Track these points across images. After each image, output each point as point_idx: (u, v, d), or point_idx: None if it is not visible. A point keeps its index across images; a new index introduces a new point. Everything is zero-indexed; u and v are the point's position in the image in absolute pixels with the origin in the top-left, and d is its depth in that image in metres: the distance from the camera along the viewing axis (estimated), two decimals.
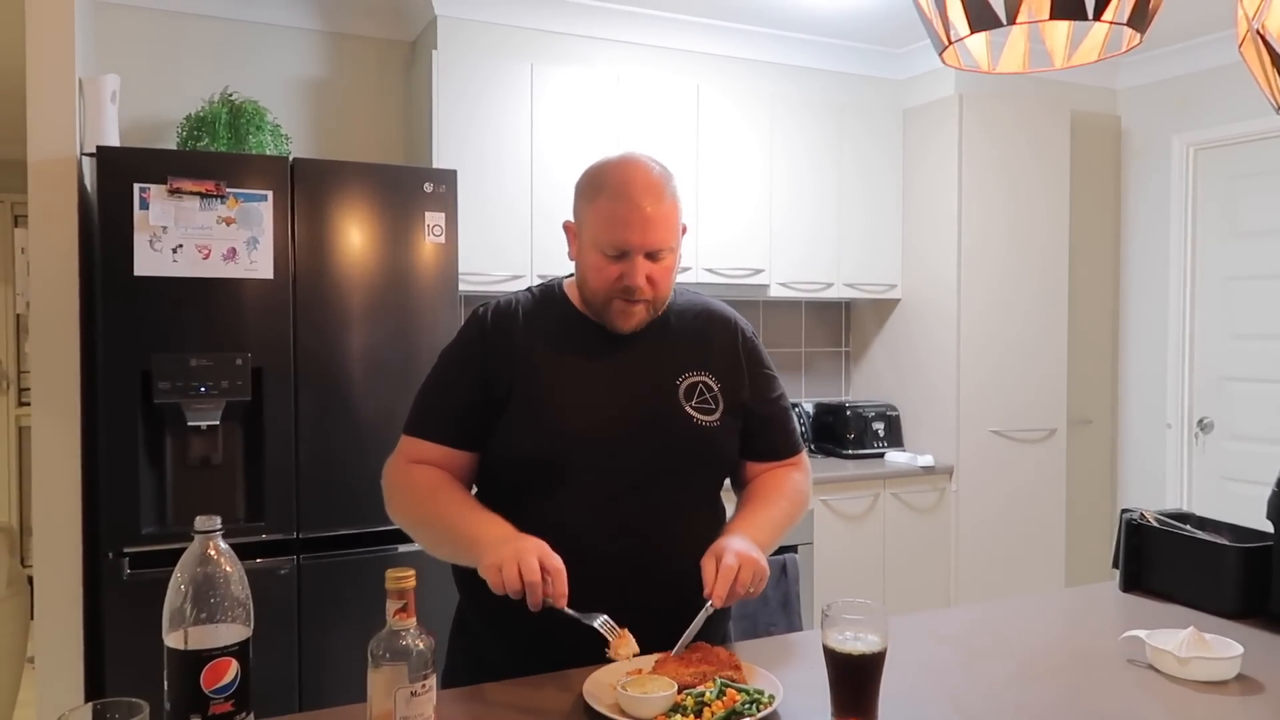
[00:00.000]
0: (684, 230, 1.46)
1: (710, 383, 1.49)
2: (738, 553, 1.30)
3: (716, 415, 1.47)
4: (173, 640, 1.01)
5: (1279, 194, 3.74)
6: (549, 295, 1.54)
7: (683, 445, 1.45)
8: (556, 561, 1.23)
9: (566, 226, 1.51)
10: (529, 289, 1.57)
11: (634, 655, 1.24)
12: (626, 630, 1.25)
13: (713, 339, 1.54)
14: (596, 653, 1.26)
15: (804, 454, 1.62)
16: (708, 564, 1.31)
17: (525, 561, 1.21)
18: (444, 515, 1.40)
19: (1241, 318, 3.88)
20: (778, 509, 1.49)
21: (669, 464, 1.44)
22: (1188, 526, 1.72)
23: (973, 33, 1.25)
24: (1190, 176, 4.04)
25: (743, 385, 1.52)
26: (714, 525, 1.50)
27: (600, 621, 1.24)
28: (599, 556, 1.31)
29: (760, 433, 1.55)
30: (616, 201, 1.39)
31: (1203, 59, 3.94)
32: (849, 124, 3.87)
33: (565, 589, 1.22)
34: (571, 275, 1.54)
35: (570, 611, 1.23)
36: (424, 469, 1.45)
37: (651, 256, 1.41)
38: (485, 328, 1.48)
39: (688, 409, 1.45)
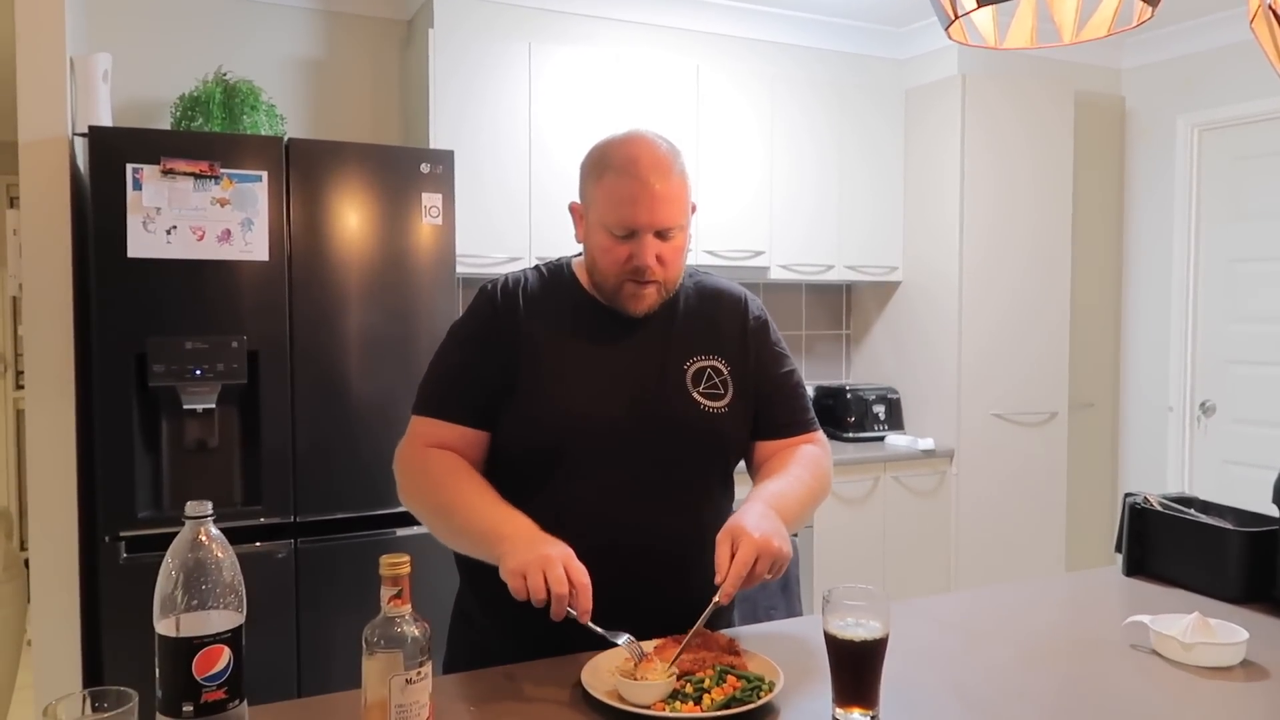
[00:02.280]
0: (694, 209, 1.42)
1: (720, 367, 1.46)
2: (756, 543, 1.22)
3: (725, 401, 1.44)
4: (164, 627, 0.99)
5: None
6: (558, 276, 1.50)
7: (688, 433, 1.41)
8: (582, 575, 1.18)
9: (572, 208, 1.47)
10: (537, 266, 1.53)
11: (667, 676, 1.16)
12: (655, 656, 1.20)
13: (721, 321, 1.50)
14: (598, 640, 1.24)
15: (820, 434, 1.56)
16: (723, 547, 1.24)
17: (551, 572, 1.16)
18: (464, 507, 1.34)
19: (1245, 300, 3.86)
20: (801, 484, 1.42)
21: (674, 452, 1.41)
22: (1192, 511, 1.70)
23: (979, 6, 1.22)
24: (1195, 158, 4.01)
25: (749, 365, 1.49)
26: (722, 514, 1.46)
27: (625, 640, 1.20)
28: (603, 546, 1.28)
29: (766, 408, 1.50)
30: (623, 179, 1.35)
31: (1209, 38, 3.89)
32: (850, 104, 3.83)
33: (589, 604, 1.17)
34: (580, 255, 1.50)
35: (594, 627, 1.19)
36: (441, 454, 1.40)
37: (661, 235, 1.37)
38: (496, 305, 1.45)
39: (694, 395, 1.42)
